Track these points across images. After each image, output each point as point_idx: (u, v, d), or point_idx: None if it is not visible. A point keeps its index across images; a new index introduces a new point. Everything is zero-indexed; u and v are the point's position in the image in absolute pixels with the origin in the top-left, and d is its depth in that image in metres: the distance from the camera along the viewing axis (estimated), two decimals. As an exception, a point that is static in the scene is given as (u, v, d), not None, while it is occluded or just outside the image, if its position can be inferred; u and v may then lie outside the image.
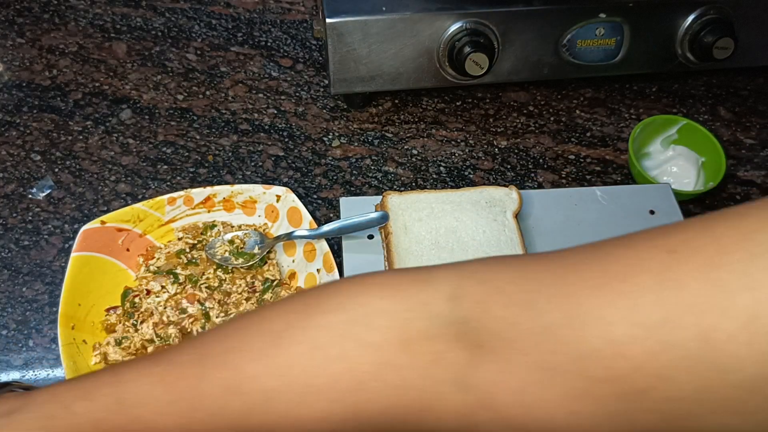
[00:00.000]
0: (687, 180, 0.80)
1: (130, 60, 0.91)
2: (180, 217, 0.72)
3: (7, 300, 0.70)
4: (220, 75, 0.90)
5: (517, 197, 0.69)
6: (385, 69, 0.79)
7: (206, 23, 0.95)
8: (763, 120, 0.89)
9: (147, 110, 0.86)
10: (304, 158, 0.82)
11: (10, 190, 0.78)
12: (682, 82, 0.92)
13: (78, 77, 0.88)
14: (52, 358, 0.67)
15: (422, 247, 0.64)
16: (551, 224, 0.70)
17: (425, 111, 0.88)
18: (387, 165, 0.82)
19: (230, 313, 0.66)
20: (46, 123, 0.84)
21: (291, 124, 0.86)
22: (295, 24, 0.96)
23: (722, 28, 0.79)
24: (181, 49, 0.92)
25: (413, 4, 0.76)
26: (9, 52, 0.91)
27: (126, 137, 0.83)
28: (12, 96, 0.86)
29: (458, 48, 0.76)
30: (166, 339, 0.64)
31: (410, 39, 0.77)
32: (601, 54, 0.82)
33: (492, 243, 0.64)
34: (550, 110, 0.89)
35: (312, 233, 0.68)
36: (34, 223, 0.75)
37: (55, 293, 0.70)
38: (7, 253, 0.73)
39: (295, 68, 0.91)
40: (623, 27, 0.80)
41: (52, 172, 0.80)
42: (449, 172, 0.82)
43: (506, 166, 0.83)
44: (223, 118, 0.86)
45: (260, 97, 0.88)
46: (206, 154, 0.82)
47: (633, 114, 0.89)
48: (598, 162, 0.84)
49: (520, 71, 0.82)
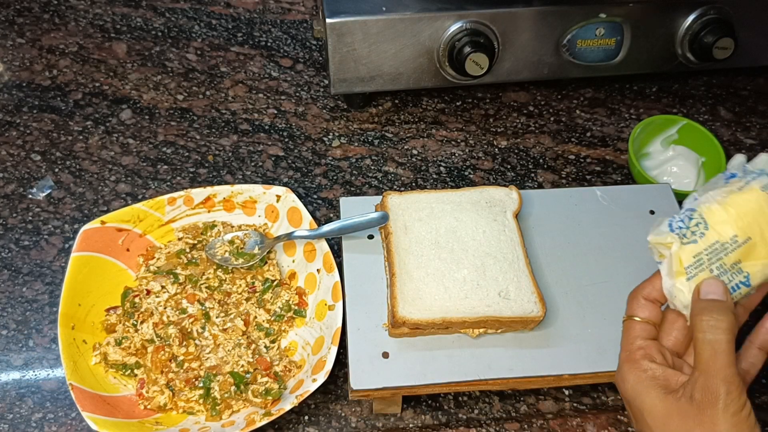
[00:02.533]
0: (687, 180, 0.80)
1: (130, 60, 0.91)
2: (180, 217, 0.72)
3: (7, 300, 0.70)
4: (220, 75, 0.90)
5: (517, 197, 0.69)
6: (385, 69, 0.79)
7: (206, 23, 0.95)
8: (763, 120, 0.89)
9: (147, 110, 0.86)
10: (304, 158, 0.82)
11: (10, 190, 0.78)
12: (682, 82, 0.92)
13: (78, 77, 0.88)
14: (52, 358, 0.67)
15: (422, 247, 0.64)
16: (551, 224, 0.70)
17: (425, 111, 0.88)
18: (387, 165, 0.82)
19: (230, 313, 0.66)
20: (46, 123, 0.84)
21: (291, 124, 0.86)
22: (295, 24, 0.96)
23: (722, 28, 0.79)
24: (181, 49, 0.92)
25: (413, 4, 0.76)
26: (9, 52, 0.91)
27: (126, 137, 0.83)
28: (12, 96, 0.86)
29: (458, 48, 0.76)
30: (166, 339, 0.64)
31: (410, 39, 0.77)
32: (601, 54, 0.82)
33: (492, 243, 0.64)
34: (550, 110, 0.89)
35: (312, 233, 0.68)
36: (34, 223, 0.75)
37: (55, 293, 0.70)
38: (7, 253, 0.73)
39: (295, 68, 0.91)
40: (623, 27, 0.80)
41: (52, 172, 0.80)
42: (449, 172, 0.82)
43: (506, 166, 0.83)
44: (223, 118, 0.86)
45: (260, 97, 0.88)
46: (206, 154, 0.82)
47: (633, 114, 0.89)
48: (598, 162, 0.84)
49: (520, 71, 0.82)
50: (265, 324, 0.66)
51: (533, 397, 0.66)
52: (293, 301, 0.68)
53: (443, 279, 0.62)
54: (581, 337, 0.62)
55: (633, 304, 0.54)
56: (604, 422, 0.64)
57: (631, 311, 0.54)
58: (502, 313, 0.60)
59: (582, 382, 0.62)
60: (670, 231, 0.51)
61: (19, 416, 0.63)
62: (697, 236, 0.50)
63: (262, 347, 0.65)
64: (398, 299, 0.60)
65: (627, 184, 0.81)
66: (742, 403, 0.46)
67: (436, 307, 0.60)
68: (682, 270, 0.51)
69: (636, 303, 0.54)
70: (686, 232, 0.51)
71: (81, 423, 0.63)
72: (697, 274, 0.50)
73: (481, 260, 0.63)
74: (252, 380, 0.62)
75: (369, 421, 0.64)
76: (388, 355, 0.60)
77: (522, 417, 0.64)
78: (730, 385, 0.46)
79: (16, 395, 0.64)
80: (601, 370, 0.60)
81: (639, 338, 0.52)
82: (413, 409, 0.65)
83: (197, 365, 0.63)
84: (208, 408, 0.61)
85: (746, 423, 0.46)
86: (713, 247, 0.50)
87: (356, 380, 0.58)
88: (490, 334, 0.62)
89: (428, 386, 0.59)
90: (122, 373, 0.63)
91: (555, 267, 0.67)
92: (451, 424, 0.64)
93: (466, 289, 0.61)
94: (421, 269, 0.62)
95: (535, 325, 0.61)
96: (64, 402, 0.64)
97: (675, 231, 0.51)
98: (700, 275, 0.50)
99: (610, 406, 0.65)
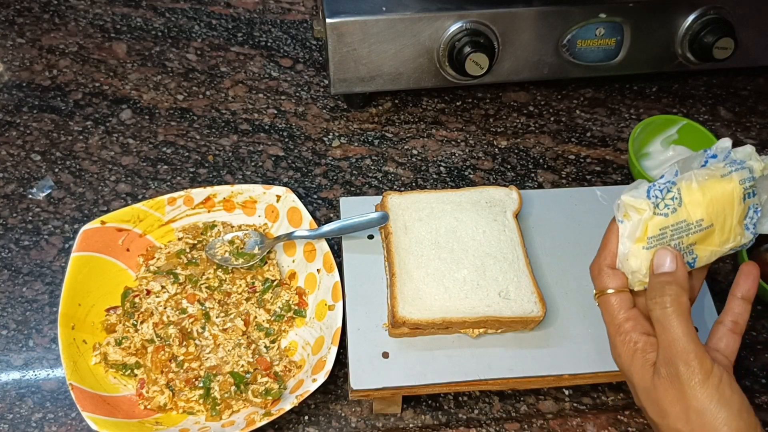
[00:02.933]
0: (687, 180, 0.80)
1: (130, 60, 0.91)
2: (180, 217, 0.72)
3: (7, 300, 0.70)
4: (220, 75, 0.90)
5: (517, 197, 0.69)
6: (385, 69, 0.79)
7: (206, 23, 0.95)
8: (763, 120, 0.89)
9: (147, 110, 0.86)
10: (304, 158, 0.82)
11: (10, 190, 0.78)
12: (682, 82, 0.92)
13: (78, 77, 0.88)
14: (52, 358, 0.67)
15: (422, 247, 0.64)
16: (551, 224, 0.70)
17: (425, 111, 0.88)
18: (387, 165, 0.82)
19: (230, 313, 0.66)
20: (46, 123, 0.84)
21: (291, 124, 0.86)
22: (295, 24, 0.96)
23: (722, 28, 0.79)
24: (181, 49, 0.92)
25: (413, 4, 0.76)
26: (9, 52, 0.91)
27: (126, 137, 0.83)
28: (12, 96, 0.86)
29: (458, 48, 0.76)
30: (166, 339, 0.64)
31: (410, 39, 0.77)
32: (601, 54, 0.82)
33: (492, 243, 0.64)
34: (550, 110, 0.89)
35: (312, 233, 0.68)
36: (34, 223, 0.75)
37: (55, 293, 0.70)
38: (7, 253, 0.73)
39: (295, 68, 0.91)
40: (623, 27, 0.80)
41: (52, 172, 0.80)
42: (449, 172, 0.82)
43: (506, 166, 0.83)
44: (223, 118, 0.86)
45: (260, 97, 0.88)
46: (206, 154, 0.82)
47: (633, 114, 0.89)
48: (598, 162, 0.84)
49: (520, 71, 0.82)
50: (265, 324, 0.66)
51: (533, 397, 0.66)
52: (293, 301, 0.68)
53: (443, 279, 0.62)
54: (581, 337, 0.62)
55: (600, 278, 0.53)
56: (604, 422, 0.64)
57: (601, 285, 0.53)
58: (502, 313, 0.60)
59: (582, 382, 0.62)
60: (647, 198, 0.51)
61: (19, 416, 0.63)
62: (669, 210, 0.51)
63: (262, 347, 0.65)
64: (398, 299, 0.60)
65: (627, 184, 0.81)
66: (705, 371, 0.46)
67: (436, 307, 0.60)
68: (644, 238, 0.51)
69: (603, 275, 0.53)
70: (660, 203, 0.51)
71: (81, 423, 0.63)
72: (656, 245, 0.51)
73: (481, 260, 0.63)
74: (252, 380, 0.62)
75: (369, 421, 0.64)
76: (388, 355, 0.60)
77: (522, 417, 0.64)
78: (687, 357, 0.46)
79: (16, 395, 0.64)
80: (601, 370, 0.60)
81: (621, 310, 0.52)
82: (413, 409, 0.65)
83: (197, 365, 0.63)
84: (208, 408, 0.61)
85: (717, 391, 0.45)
86: (679, 225, 0.51)
87: (356, 380, 0.58)
88: (490, 334, 0.62)
89: (428, 386, 0.59)
90: (122, 373, 0.63)
91: (555, 267, 0.67)
92: (451, 424, 0.64)
93: (466, 289, 0.61)
94: (421, 269, 0.62)
95: (535, 325, 0.61)
96: (64, 402, 0.64)
97: (651, 198, 0.51)
98: (659, 248, 0.51)
99: (610, 406, 0.65)
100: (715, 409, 0.45)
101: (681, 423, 0.46)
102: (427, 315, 0.59)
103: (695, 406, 0.46)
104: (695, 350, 0.46)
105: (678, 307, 0.48)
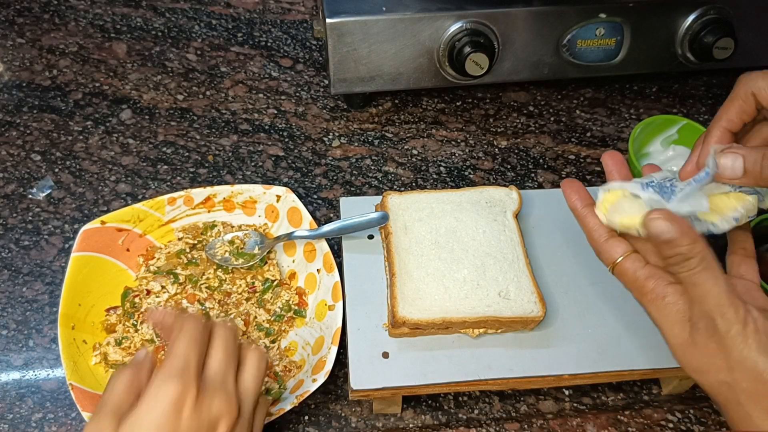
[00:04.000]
0: (687, 180, 0.80)
1: (130, 60, 0.91)
2: (180, 217, 0.72)
3: (7, 300, 0.70)
4: (220, 75, 0.90)
5: (517, 197, 0.69)
6: (385, 69, 0.79)
7: (206, 23, 0.95)
8: (763, 120, 0.89)
9: (147, 110, 0.86)
10: (304, 158, 0.82)
11: (10, 190, 0.78)
12: (682, 82, 0.92)
13: (78, 77, 0.88)
14: (52, 358, 0.67)
15: (422, 247, 0.64)
16: (551, 224, 0.70)
17: (425, 111, 0.88)
18: (387, 165, 0.82)
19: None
20: (46, 123, 0.84)
21: (291, 124, 0.86)
22: (295, 24, 0.96)
23: (722, 28, 0.79)
24: (181, 49, 0.92)
25: (413, 4, 0.76)
26: (9, 52, 0.91)
27: (126, 137, 0.83)
28: (12, 96, 0.86)
29: (458, 48, 0.76)
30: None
31: (410, 39, 0.77)
32: (601, 54, 0.82)
33: (492, 243, 0.64)
34: (550, 110, 0.89)
35: (312, 233, 0.68)
36: (34, 223, 0.75)
37: (55, 293, 0.70)
38: (7, 253, 0.73)
39: (295, 68, 0.91)
40: (623, 27, 0.80)
41: (52, 172, 0.80)
42: (449, 172, 0.82)
43: (506, 166, 0.83)
44: (223, 118, 0.86)
45: (260, 97, 0.88)
46: (206, 154, 0.82)
47: (633, 114, 0.89)
48: (598, 162, 0.84)
49: (520, 71, 0.82)
50: (265, 324, 0.66)
51: (533, 397, 0.66)
52: (293, 301, 0.68)
53: (443, 279, 0.62)
54: (581, 337, 0.62)
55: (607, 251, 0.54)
56: (604, 422, 0.64)
57: (609, 259, 0.53)
58: (502, 313, 0.60)
59: (582, 382, 0.62)
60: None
61: (19, 416, 0.63)
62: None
63: (262, 347, 0.65)
64: (398, 299, 0.60)
65: (627, 184, 0.81)
66: (741, 320, 0.46)
67: (436, 307, 0.60)
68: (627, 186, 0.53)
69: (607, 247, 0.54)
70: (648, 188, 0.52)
71: (81, 423, 0.63)
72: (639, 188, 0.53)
73: (481, 260, 0.63)
74: (252, 380, 0.62)
75: (369, 421, 0.64)
76: (388, 355, 0.60)
77: (522, 417, 0.64)
78: (721, 309, 0.46)
79: (16, 395, 0.64)
80: (601, 370, 0.60)
81: (637, 270, 0.52)
82: (413, 409, 0.65)
83: (197, 365, 0.63)
84: (208, 408, 0.61)
85: (755, 338, 0.46)
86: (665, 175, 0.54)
87: (356, 380, 0.58)
88: (490, 334, 0.62)
89: (428, 386, 0.59)
90: (122, 373, 0.63)
91: (555, 267, 0.67)
92: (451, 424, 0.64)
93: (466, 289, 0.61)
94: (421, 269, 0.62)
95: (535, 325, 0.61)
96: (64, 402, 0.64)
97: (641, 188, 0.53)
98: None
99: (610, 406, 0.65)
100: (755, 356, 0.46)
101: (723, 374, 0.47)
102: (427, 315, 0.59)
103: (735, 356, 0.46)
104: (728, 300, 0.47)
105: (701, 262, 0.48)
